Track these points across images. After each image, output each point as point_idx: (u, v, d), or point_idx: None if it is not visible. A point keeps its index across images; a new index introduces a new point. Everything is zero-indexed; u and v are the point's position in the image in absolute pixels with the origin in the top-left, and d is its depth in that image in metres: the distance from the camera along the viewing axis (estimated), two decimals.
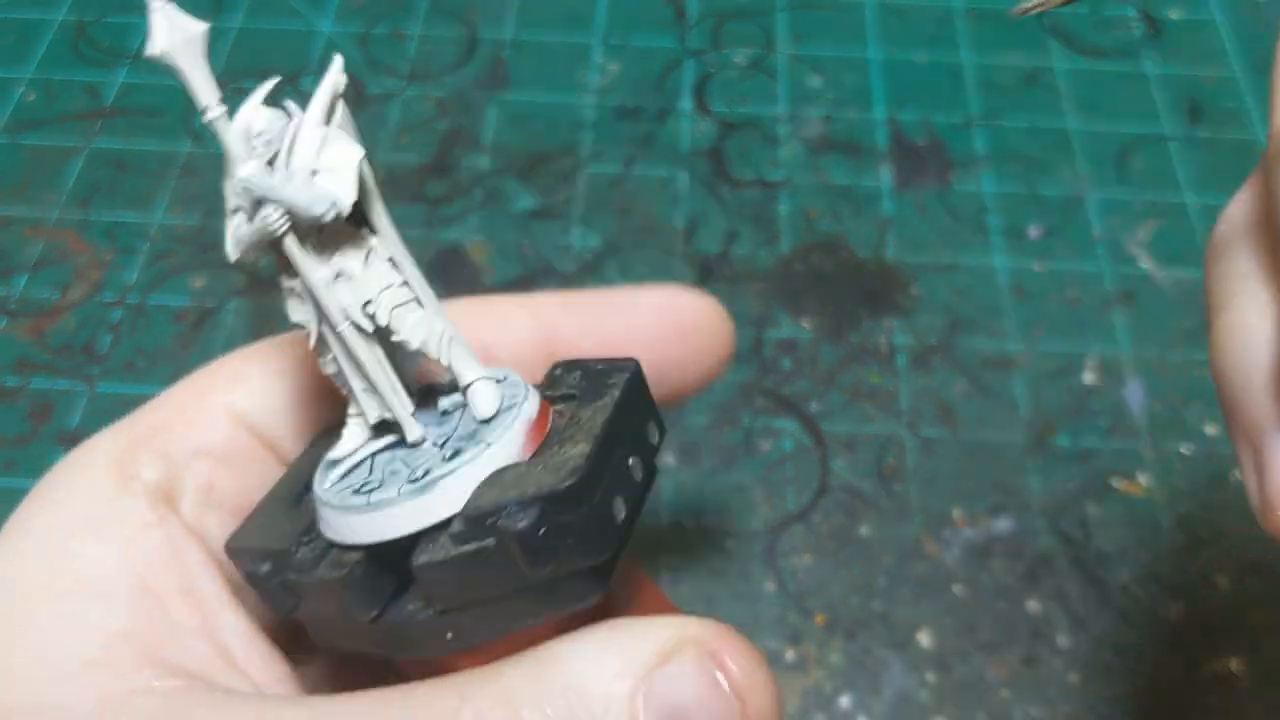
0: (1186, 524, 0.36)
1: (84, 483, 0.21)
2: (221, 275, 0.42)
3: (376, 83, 0.48)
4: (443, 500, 0.18)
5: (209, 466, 0.21)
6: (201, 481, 0.21)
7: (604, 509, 0.18)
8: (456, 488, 0.18)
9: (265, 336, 0.41)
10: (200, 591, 0.19)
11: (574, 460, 0.17)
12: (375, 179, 0.20)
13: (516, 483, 0.17)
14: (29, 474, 0.37)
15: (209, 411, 0.22)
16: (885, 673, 0.33)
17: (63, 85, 0.48)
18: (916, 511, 0.36)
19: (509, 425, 0.18)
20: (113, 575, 0.19)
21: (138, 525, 0.20)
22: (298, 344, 0.23)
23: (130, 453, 0.21)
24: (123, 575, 0.19)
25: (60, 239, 0.43)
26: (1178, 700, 0.33)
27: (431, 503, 0.18)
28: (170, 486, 0.21)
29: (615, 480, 0.18)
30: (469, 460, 0.18)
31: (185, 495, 0.21)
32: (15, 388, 0.39)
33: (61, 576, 0.19)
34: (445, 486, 0.18)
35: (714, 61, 0.49)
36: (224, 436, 0.22)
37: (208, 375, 0.23)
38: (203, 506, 0.21)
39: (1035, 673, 0.33)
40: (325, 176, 0.18)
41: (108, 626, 0.18)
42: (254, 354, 0.23)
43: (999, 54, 0.50)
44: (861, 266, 0.43)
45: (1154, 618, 0.34)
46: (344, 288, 0.19)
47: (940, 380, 0.39)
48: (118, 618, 0.18)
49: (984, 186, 0.45)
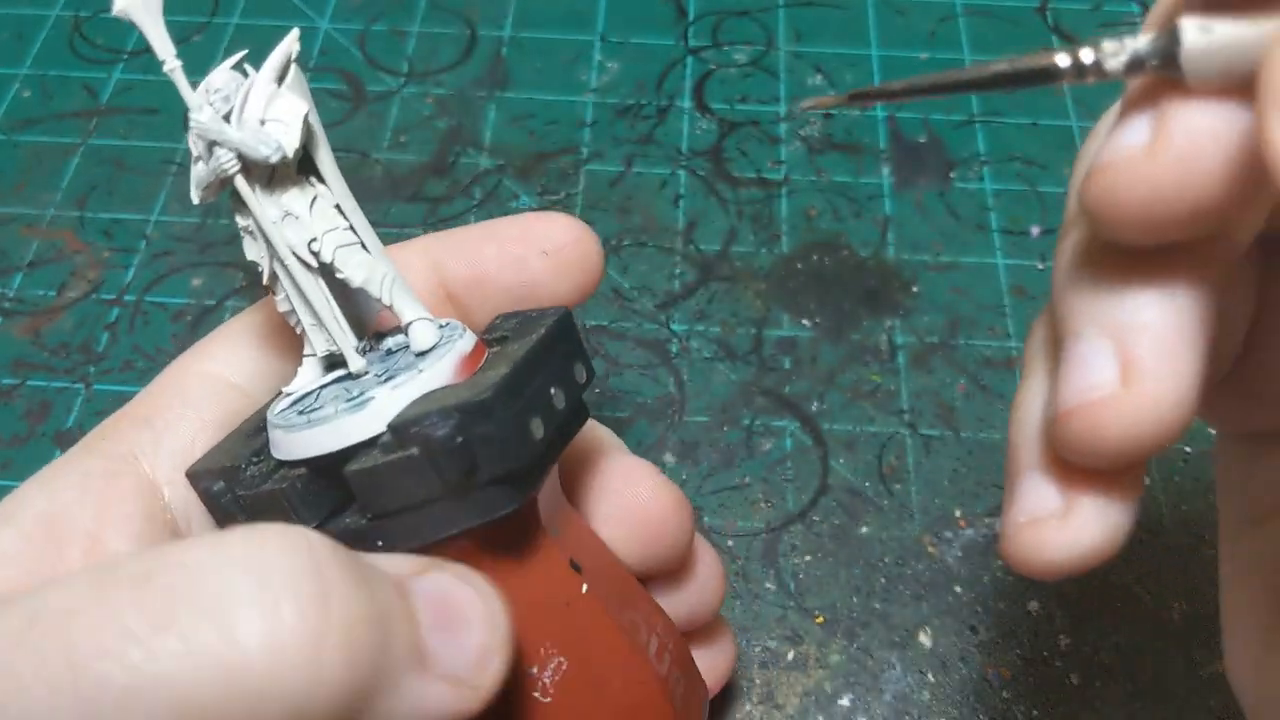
0: (1187, 524, 0.36)
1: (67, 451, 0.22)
2: (220, 274, 0.42)
3: (376, 81, 0.48)
4: (374, 417, 0.19)
5: (192, 428, 0.22)
6: (183, 443, 0.22)
7: (521, 423, 0.19)
8: (388, 406, 0.19)
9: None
10: (106, 537, 0.20)
11: (492, 379, 0.19)
12: (323, 133, 0.22)
13: (440, 399, 0.19)
14: (26, 474, 0.37)
15: (190, 378, 0.23)
16: (885, 673, 0.33)
17: (59, 82, 0.48)
18: (916, 511, 0.36)
19: (441, 356, 0.20)
20: (25, 506, 0.20)
21: (75, 473, 0.21)
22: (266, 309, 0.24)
23: (112, 424, 0.22)
24: (34, 508, 0.20)
25: (57, 238, 0.43)
26: (1178, 700, 0.33)
27: (364, 419, 0.19)
28: (146, 446, 0.22)
29: (534, 402, 0.20)
30: (402, 383, 0.20)
31: (162, 454, 0.22)
32: (12, 387, 0.39)
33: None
34: (377, 405, 0.19)
35: (714, 59, 0.49)
36: (205, 397, 0.23)
37: (192, 350, 0.24)
38: (184, 460, 0.22)
39: (1035, 673, 0.33)
40: (273, 126, 0.21)
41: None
42: (232, 323, 0.25)
43: (999, 52, 0.50)
44: (861, 266, 0.42)
45: (1154, 618, 0.34)
46: (291, 226, 0.21)
47: (940, 380, 0.39)
48: (7, 542, 0.19)
49: (985, 185, 0.45)
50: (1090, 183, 0.16)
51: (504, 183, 0.45)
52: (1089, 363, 0.17)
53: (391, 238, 0.43)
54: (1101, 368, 0.17)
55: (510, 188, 0.45)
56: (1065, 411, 0.17)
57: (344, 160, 0.45)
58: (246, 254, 0.22)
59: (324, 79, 0.48)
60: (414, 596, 0.18)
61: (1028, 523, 0.19)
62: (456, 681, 0.17)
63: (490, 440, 0.19)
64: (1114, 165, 0.16)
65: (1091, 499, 0.18)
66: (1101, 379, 0.17)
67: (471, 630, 0.18)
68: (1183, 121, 0.15)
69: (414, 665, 0.17)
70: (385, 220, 0.43)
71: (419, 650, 0.17)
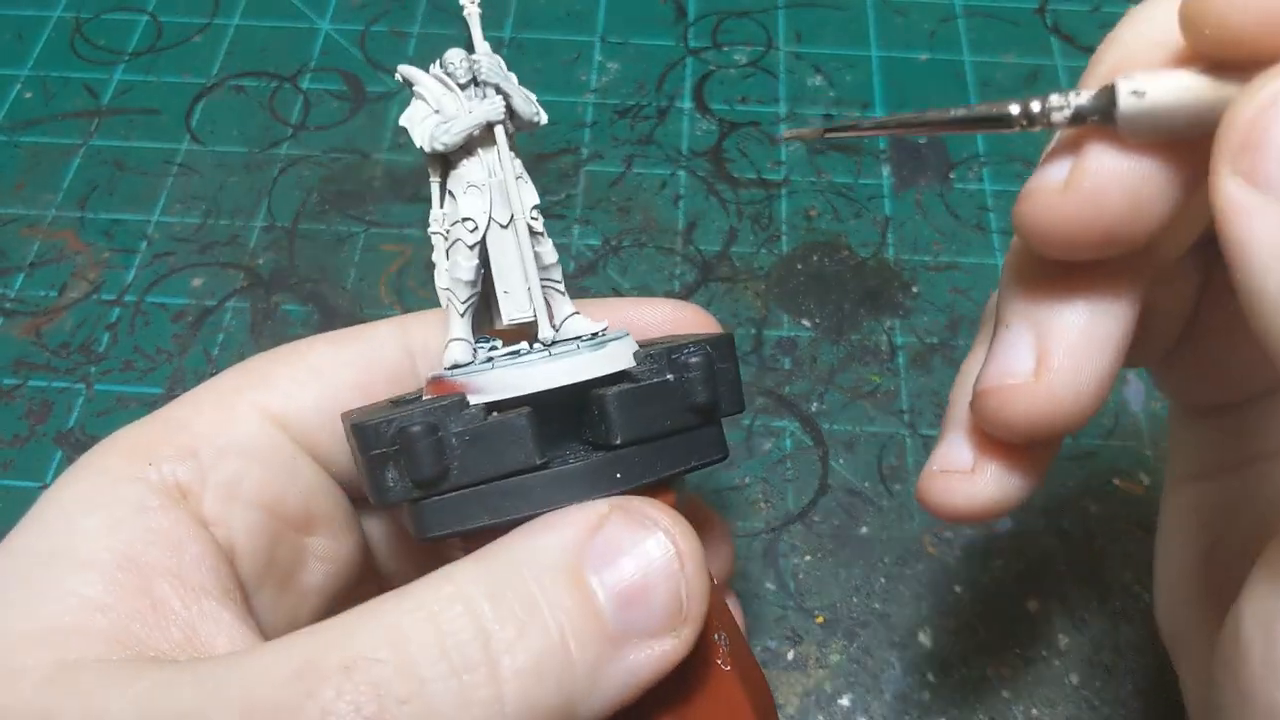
0: None
1: (98, 465, 0.21)
2: (220, 274, 0.42)
3: (376, 81, 0.48)
4: (613, 357, 0.21)
5: (236, 463, 0.22)
6: (227, 477, 0.22)
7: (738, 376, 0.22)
8: (621, 350, 0.21)
9: (264, 336, 0.41)
10: (188, 577, 0.20)
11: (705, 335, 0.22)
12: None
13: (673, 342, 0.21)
14: (27, 474, 0.37)
15: (237, 410, 0.22)
16: (885, 673, 0.33)
17: (60, 83, 0.48)
18: (916, 511, 0.36)
19: (620, 335, 0.22)
20: (99, 548, 0.19)
21: (135, 507, 0.20)
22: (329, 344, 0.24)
23: (149, 444, 0.21)
24: (109, 550, 0.19)
25: (58, 238, 0.43)
26: (1177, 700, 0.33)
27: (607, 356, 0.21)
28: (192, 481, 0.21)
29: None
30: (617, 338, 0.21)
31: (209, 490, 0.21)
32: (12, 387, 0.39)
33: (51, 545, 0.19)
34: (614, 347, 0.21)
35: (714, 60, 0.49)
36: (252, 434, 0.22)
37: (236, 375, 0.23)
38: (227, 501, 0.21)
39: (1035, 673, 0.33)
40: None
41: (82, 594, 0.18)
42: (283, 355, 0.24)
43: (999, 53, 0.50)
44: (861, 266, 0.42)
45: (1154, 618, 0.34)
46: (525, 188, 0.22)
47: (940, 380, 0.39)
48: (94, 588, 0.18)
49: (984, 185, 0.45)
50: (1017, 206, 0.19)
51: None
52: (1011, 351, 0.20)
53: (392, 238, 0.43)
54: (1021, 358, 0.20)
55: None
56: (983, 390, 0.20)
57: (344, 160, 0.45)
58: (437, 220, 0.22)
59: (324, 79, 0.48)
60: (594, 586, 0.18)
61: (941, 472, 0.22)
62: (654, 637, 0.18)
63: (724, 380, 0.21)
64: (1034, 195, 0.18)
65: (996, 465, 0.21)
66: (1018, 368, 0.20)
67: (656, 592, 0.18)
68: (1094, 166, 0.17)
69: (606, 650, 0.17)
70: (385, 220, 0.44)
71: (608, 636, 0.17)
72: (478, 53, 0.22)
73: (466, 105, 0.22)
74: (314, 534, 0.24)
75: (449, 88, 0.22)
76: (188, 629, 0.19)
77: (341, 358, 0.24)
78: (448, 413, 0.19)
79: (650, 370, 0.21)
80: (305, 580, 0.24)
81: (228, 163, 0.45)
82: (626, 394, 0.20)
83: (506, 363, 0.20)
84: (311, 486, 0.23)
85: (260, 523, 0.22)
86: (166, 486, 0.21)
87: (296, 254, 0.43)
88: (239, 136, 0.46)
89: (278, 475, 0.22)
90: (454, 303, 0.22)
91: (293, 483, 0.23)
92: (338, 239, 0.43)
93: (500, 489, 0.19)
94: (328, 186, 0.45)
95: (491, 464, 0.19)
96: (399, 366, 0.24)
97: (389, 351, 0.24)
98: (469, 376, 0.20)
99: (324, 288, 0.42)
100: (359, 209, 0.44)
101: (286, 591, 0.23)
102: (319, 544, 0.24)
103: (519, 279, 0.22)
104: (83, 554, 0.19)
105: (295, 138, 0.46)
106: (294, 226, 0.43)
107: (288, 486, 0.23)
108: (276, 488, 0.22)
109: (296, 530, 0.23)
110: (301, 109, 0.47)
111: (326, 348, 0.24)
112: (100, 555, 0.19)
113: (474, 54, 0.22)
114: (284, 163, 0.45)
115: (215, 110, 0.47)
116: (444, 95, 0.22)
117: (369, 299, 0.41)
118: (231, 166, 0.45)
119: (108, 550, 0.19)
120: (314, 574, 0.24)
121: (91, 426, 0.38)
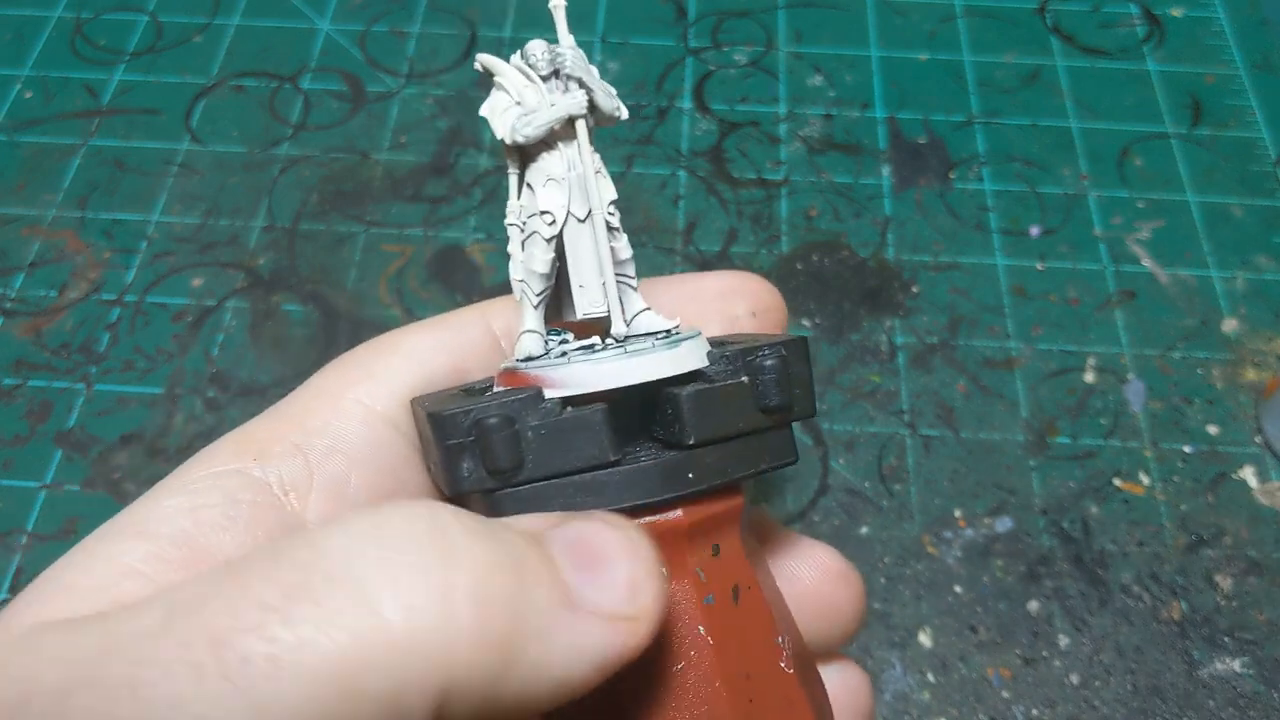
0: (1186, 524, 0.36)
1: (207, 457, 0.21)
2: (220, 274, 0.42)
3: (376, 81, 0.48)
4: (687, 356, 0.21)
5: (343, 463, 0.22)
6: (333, 478, 0.22)
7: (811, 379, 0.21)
8: (695, 349, 0.21)
9: (264, 335, 0.41)
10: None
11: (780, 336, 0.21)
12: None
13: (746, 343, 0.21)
14: (27, 473, 0.37)
15: (343, 408, 0.23)
16: (885, 673, 0.33)
17: (60, 83, 0.48)
18: (916, 511, 0.36)
19: (694, 334, 0.22)
20: (164, 525, 0.19)
21: (224, 496, 0.20)
22: (421, 332, 0.24)
23: (258, 440, 0.22)
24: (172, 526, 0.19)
25: (58, 238, 0.43)
26: (1178, 700, 0.33)
27: (681, 355, 0.21)
28: (299, 480, 0.21)
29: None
30: (690, 336, 0.21)
31: (314, 490, 0.21)
32: (13, 387, 0.39)
33: (128, 519, 0.19)
34: (687, 346, 0.21)
35: (714, 60, 0.49)
36: (358, 431, 0.22)
37: (337, 371, 0.24)
38: (335, 501, 0.22)
39: (1035, 673, 0.33)
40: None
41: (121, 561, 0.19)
42: (381, 346, 0.24)
43: (999, 52, 0.50)
44: (861, 266, 0.42)
45: (1154, 618, 0.34)
46: (604, 182, 0.22)
47: (940, 380, 0.39)
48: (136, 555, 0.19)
49: (984, 185, 0.45)
50: None
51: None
52: None
53: (391, 238, 0.43)
54: None
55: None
56: None
57: (344, 161, 0.45)
58: (514, 211, 0.22)
59: (324, 79, 0.48)
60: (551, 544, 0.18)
61: None
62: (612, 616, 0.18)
63: (798, 382, 0.21)
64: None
65: None
66: None
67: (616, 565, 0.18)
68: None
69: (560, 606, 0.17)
70: (385, 220, 0.44)
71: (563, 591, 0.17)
72: (562, 45, 0.22)
73: (549, 98, 0.21)
74: None
75: (530, 79, 0.22)
76: None
77: (435, 344, 0.24)
78: (525, 406, 0.19)
79: (725, 371, 0.21)
80: None
81: (228, 163, 0.45)
82: (701, 394, 0.20)
83: (582, 358, 0.20)
84: (418, 480, 0.24)
85: None
86: (268, 483, 0.21)
87: (296, 254, 0.43)
88: (239, 136, 0.46)
89: (382, 473, 0.22)
90: (528, 295, 0.22)
91: (395, 479, 0.23)
92: (338, 239, 0.43)
93: (574, 483, 0.20)
94: (328, 186, 0.45)
95: (566, 458, 0.19)
96: (488, 351, 0.24)
97: (477, 335, 0.25)
98: (544, 370, 0.20)
99: (324, 288, 0.42)
100: (359, 209, 0.44)
101: None
102: None
103: (594, 273, 0.22)
104: (146, 528, 0.19)
105: (295, 138, 0.46)
106: (294, 226, 0.43)
107: (390, 484, 0.23)
108: (380, 486, 0.22)
109: None
110: (301, 109, 0.47)
111: (419, 336, 0.24)
112: (160, 530, 0.19)
113: (558, 46, 0.22)
114: (284, 163, 0.45)
115: (215, 110, 0.47)
116: (525, 87, 0.22)
117: (369, 299, 0.41)
118: (231, 166, 0.45)
119: (170, 526, 0.19)
120: None
121: (91, 426, 0.38)
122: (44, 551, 0.35)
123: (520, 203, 0.22)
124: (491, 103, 0.22)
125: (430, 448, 0.20)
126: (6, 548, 0.35)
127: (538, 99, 0.21)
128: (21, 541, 0.35)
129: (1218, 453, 0.38)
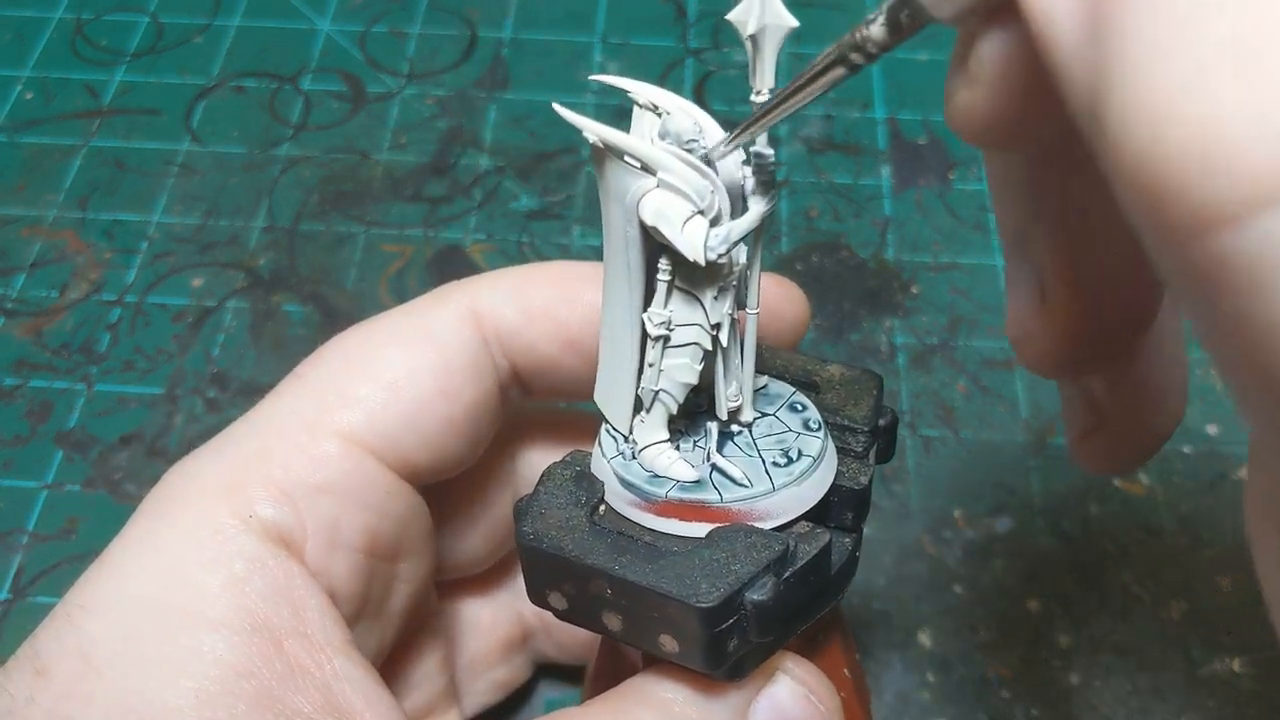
0: (1186, 524, 0.36)
1: (198, 512, 0.20)
2: (220, 274, 0.42)
3: (376, 82, 0.48)
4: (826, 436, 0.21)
5: (332, 506, 0.21)
6: (325, 523, 0.21)
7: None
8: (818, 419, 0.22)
9: (264, 336, 0.41)
10: (314, 636, 0.19)
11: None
12: None
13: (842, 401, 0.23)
14: (27, 473, 0.37)
15: (322, 440, 0.21)
16: (885, 673, 0.33)
17: (61, 84, 0.48)
18: (916, 511, 0.36)
19: (791, 392, 0.22)
20: (226, 610, 0.19)
21: (252, 563, 0.19)
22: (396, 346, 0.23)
23: (242, 484, 0.20)
24: (236, 611, 0.19)
25: (59, 238, 0.43)
26: (1178, 700, 0.33)
27: (832, 450, 0.21)
28: (293, 529, 0.20)
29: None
30: (807, 408, 0.22)
31: (309, 537, 0.21)
32: (13, 387, 0.39)
33: (177, 602, 0.19)
34: (812, 419, 0.21)
35: (714, 61, 0.49)
36: (344, 470, 0.21)
37: (314, 397, 0.22)
38: (328, 548, 0.21)
39: (1035, 673, 0.33)
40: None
41: (223, 661, 0.18)
42: (358, 369, 0.23)
43: None
44: (861, 266, 0.42)
45: (1154, 618, 0.34)
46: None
47: (940, 380, 0.39)
48: (235, 653, 0.18)
49: (984, 185, 0.45)
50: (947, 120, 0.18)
51: (504, 183, 0.45)
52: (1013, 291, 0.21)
53: (391, 238, 0.43)
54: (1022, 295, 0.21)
55: (511, 188, 0.45)
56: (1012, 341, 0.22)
57: (344, 161, 0.45)
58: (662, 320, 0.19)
59: (324, 80, 0.48)
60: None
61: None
62: None
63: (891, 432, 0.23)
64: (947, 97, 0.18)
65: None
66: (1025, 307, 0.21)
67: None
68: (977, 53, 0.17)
69: None
70: (385, 220, 0.44)
71: None
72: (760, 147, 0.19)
73: (721, 190, 0.19)
74: (402, 561, 0.23)
75: (695, 167, 0.19)
76: (324, 689, 0.19)
77: (417, 364, 0.22)
78: (780, 564, 0.18)
79: (863, 447, 0.22)
80: (392, 605, 0.23)
81: (228, 163, 0.45)
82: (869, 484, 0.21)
83: (784, 481, 0.20)
84: (402, 513, 0.23)
85: (359, 565, 0.22)
86: (271, 536, 0.20)
87: (296, 254, 0.43)
88: (239, 137, 0.46)
89: (372, 512, 0.22)
90: (667, 406, 0.20)
91: (386, 516, 0.22)
92: (338, 239, 0.43)
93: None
94: (328, 187, 0.45)
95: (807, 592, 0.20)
96: (475, 359, 0.23)
97: (461, 344, 0.23)
98: (751, 504, 0.19)
99: (324, 288, 0.42)
100: (359, 209, 0.44)
101: (376, 620, 0.23)
102: (405, 568, 0.24)
103: (736, 369, 0.21)
104: (211, 614, 0.19)
105: (295, 138, 0.46)
106: (294, 227, 0.43)
107: (382, 521, 0.22)
108: (372, 526, 0.22)
109: (389, 562, 0.23)
110: (302, 109, 0.47)
111: (396, 352, 0.23)
112: (229, 617, 0.19)
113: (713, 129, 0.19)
114: (284, 163, 0.45)
115: (216, 110, 0.47)
116: (695, 178, 0.18)
117: (369, 299, 0.41)
118: (232, 167, 0.45)
119: (234, 610, 0.19)
120: (399, 597, 0.24)
121: (92, 427, 0.38)
122: (44, 551, 0.35)
123: (668, 310, 0.19)
124: (663, 208, 0.18)
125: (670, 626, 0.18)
126: (7, 548, 0.35)
127: (713, 196, 0.19)
128: (22, 541, 0.35)
129: (1217, 453, 0.38)
